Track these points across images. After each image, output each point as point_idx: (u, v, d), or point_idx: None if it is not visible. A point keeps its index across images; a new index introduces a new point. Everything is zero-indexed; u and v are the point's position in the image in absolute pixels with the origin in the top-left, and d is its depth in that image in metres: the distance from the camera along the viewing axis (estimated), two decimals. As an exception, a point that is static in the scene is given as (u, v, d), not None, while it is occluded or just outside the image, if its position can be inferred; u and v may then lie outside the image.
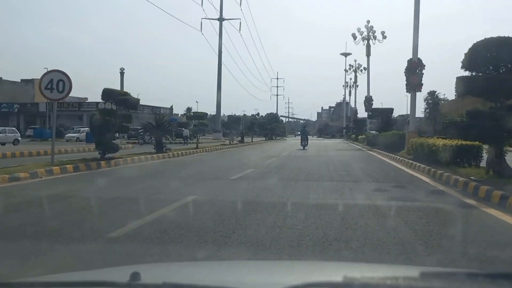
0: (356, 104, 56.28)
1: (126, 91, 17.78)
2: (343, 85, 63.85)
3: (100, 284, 1.42)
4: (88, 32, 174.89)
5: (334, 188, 9.25)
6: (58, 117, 47.35)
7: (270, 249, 4.48)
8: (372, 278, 1.55)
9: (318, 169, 13.76)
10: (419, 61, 18.37)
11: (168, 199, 7.35)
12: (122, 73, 48.73)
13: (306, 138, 31.03)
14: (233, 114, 64.92)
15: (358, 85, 55.52)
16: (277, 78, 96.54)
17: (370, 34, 37.57)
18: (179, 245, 4.58)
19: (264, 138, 53.96)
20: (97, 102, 26.35)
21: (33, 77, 50.25)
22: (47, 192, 8.55)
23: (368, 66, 39.45)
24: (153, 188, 9.33)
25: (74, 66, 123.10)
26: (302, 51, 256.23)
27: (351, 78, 57.25)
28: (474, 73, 10.29)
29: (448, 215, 6.71)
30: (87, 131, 30.36)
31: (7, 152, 19.35)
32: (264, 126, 54.54)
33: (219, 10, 49.55)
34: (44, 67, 43.42)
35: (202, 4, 46.06)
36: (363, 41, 37.79)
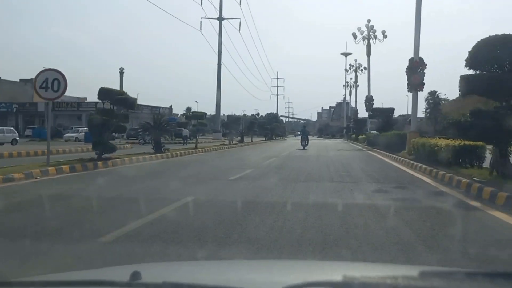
0: (357, 104, 56.33)
1: (123, 91, 17.73)
2: (344, 85, 63.83)
3: (101, 284, 1.42)
4: (88, 32, 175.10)
5: (334, 189, 9.25)
6: (57, 117, 47.71)
7: (270, 249, 4.48)
8: (372, 278, 1.55)
9: (318, 170, 13.76)
10: (421, 60, 18.24)
11: (168, 199, 7.33)
12: (122, 73, 48.90)
13: (306, 138, 31.02)
14: (233, 114, 65.07)
15: (359, 85, 55.69)
16: (277, 78, 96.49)
17: (371, 34, 37.49)
18: (179, 245, 4.58)
19: (264, 138, 53.84)
20: (96, 102, 26.30)
21: (32, 77, 49.90)
22: (42, 193, 8.42)
23: (369, 66, 39.47)
24: (152, 189, 9.30)
25: (74, 66, 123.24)
26: (302, 51, 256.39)
27: (352, 78, 57.31)
28: (478, 72, 10.01)
29: (453, 218, 6.49)
30: (86, 131, 30.31)
31: (4, 152, 19.20)
32: (264, 126, 54.50)
33: (219, 10, 49.51)
34: (44, 67, 43.30)
35: (202, 4, 46.08)
36: (364, 41, 37.73)
